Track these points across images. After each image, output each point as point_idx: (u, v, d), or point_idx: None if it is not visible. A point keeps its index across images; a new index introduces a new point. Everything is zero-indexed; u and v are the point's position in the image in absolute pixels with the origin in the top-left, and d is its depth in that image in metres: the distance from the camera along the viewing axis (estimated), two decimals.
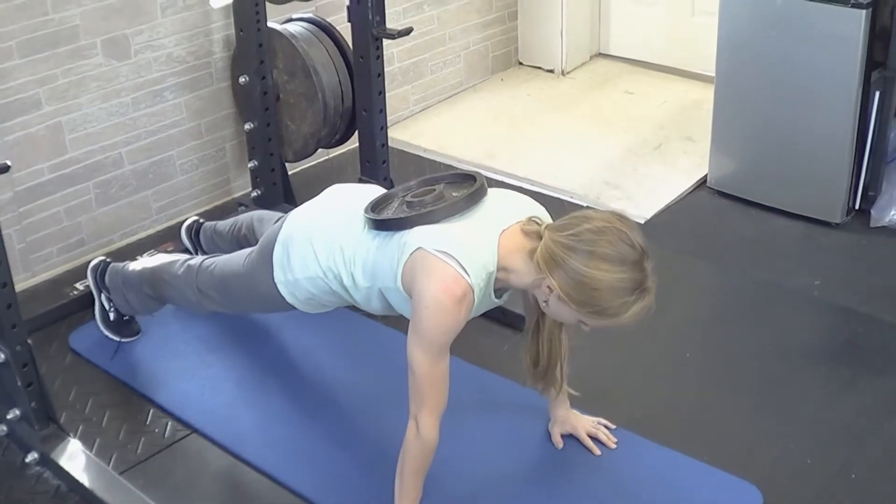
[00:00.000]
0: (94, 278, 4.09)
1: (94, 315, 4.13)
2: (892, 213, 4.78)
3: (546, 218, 3.19)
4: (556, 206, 4.98)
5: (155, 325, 4.16)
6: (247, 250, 3.62)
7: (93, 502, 3.37)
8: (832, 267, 4.61)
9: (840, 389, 3.85)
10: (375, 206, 3.25)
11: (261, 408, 3.77)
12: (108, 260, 4.13)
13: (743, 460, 3.49)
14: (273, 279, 3.40)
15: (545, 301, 3.00)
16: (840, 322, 4.25)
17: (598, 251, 2.84)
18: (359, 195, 3.40)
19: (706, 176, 5.24)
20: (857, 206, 4.88)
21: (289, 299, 3.43)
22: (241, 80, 4.69)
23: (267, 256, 3.42)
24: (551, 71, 6.73)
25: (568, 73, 6.71)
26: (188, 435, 3.67)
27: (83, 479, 3.42)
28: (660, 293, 4.12)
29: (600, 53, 6.96)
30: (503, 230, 3.05)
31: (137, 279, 3.94)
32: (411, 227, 3.06)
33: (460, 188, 3.21)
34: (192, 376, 3.93)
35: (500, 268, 3.02)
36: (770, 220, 4.95)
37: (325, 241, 3.28)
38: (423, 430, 3.02)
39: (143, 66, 4.67)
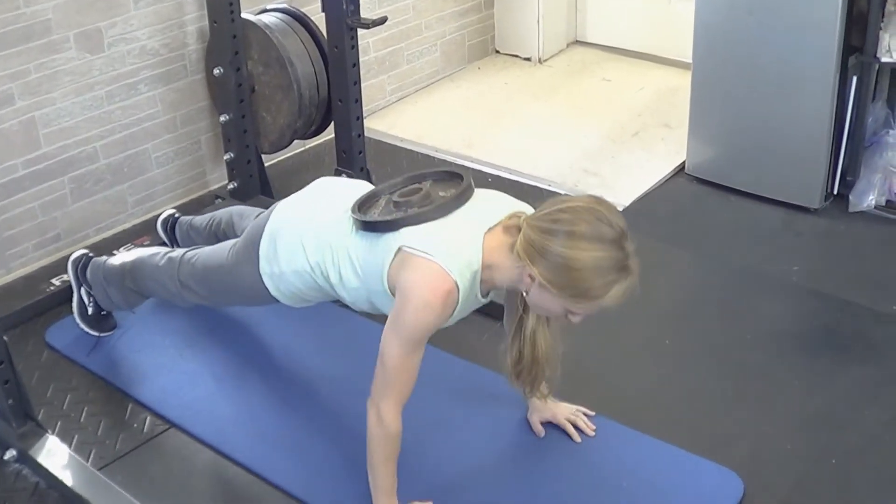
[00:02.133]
0: (75, 272, 4.06)
1: (71, 309, 4.10)
2: (871, 198, 4.78)
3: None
4: (534, 193, 5.00)
5: (132, 320, 4.13)
6: (230, 242, 3.61)
7: (72, 499, 3.36)
8: (811, 253, 4.62)
9: (819, 375, 3.85)
10: (362, 205, 3.24)
11: (240, 401, 3.76)
12: (90, 254, 4.09)
13: (723, 447, 3.49)
14: (259, 271, 3.39)
15: (526, 292, 2.99)
16: (819, 308, 4.25)
17: (576, 230, 2.82)
18: (347, 191, 3.40)
19: (684, 162, 5.23)
20: (835, 192, 4.88)
21: (273, 292, 3.41)
22: (216, 71, 4.67)
23: (253, 248, 3.41)
24: (528, 59, 6.72)
25: (545, 60, 6.71)
26: (167, 430, 3.66)
27: (62, 475, 3.41)
28: (638, 280, 4.13)
29: (577, 41, 6.96)
30: (488, 229, 3.04)
31: (119, 273, 3.92)
32: (398, 228, 3.06)
33: (447, 187, 3.21)
34: (170, 370, 3.91)
35: (485, 266, 3.02)
36: (748, 206, 4.95)
37: (314, 237, 3.27)
38: (385, 418, 3.03)
39: (117, 60, 4.65)
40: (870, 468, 3.40)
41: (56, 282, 4.38)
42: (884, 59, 4.59)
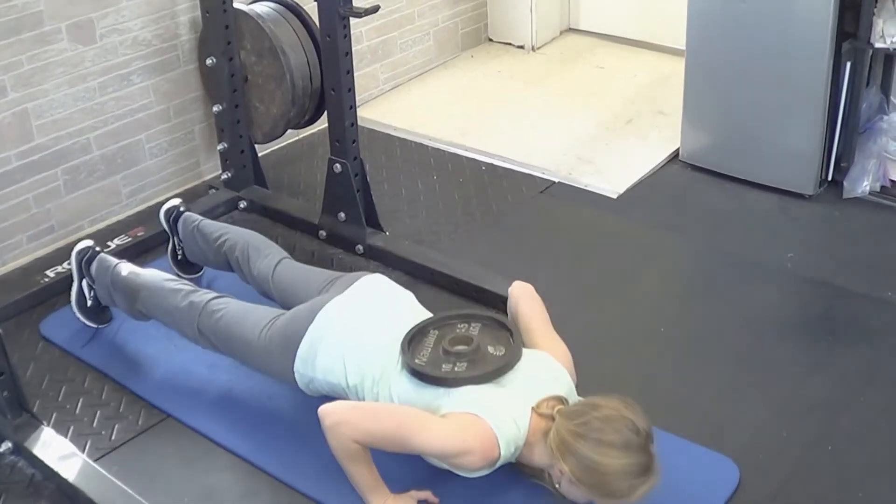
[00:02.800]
0: (79, 264, 4.03)
1: (69, 299, 4.08)
2: (865, 183, 4.78)
3: (568, 389, 3.30)
4: (528, 181, 5.01)
5: (124, 313, 4.11)
6: (262, 316, 3.58)
7: (68, 490, 3.35)
8: (805, 239, 4.61)
9: (815, 361, 3.85)
10: (412, 341, 3.33)
11: (235, 391, 3.75)
12: (97, 248, 4.07)
13: (719, 434, 3.49)
14: (292, 367, 3.44)
15: (558, 483, 3.09)
16: (814, 294, 4.26)
17: (605, 439, 2.95)
18: (396, 306, 3.51)
19: (678, 149, 5.23)
20: (829, 178, 4.88)
21: (300, 386, 3.49)
22: (209, 62, 4.66)
23: (291, 345, 3.44)
24: (521, 47, 6.71)
25: (538, 48, 6.70)
26: (162, 420, 3.65)
27: (58, 467, 3.39)
28: (633, 267, 4.13)
29: (570, 28, 6.95)
30: (534, 406, 3.15)
31: (131, 290, 3.87)
32: (447, 386, 3.17)
33: (496, 340, 3.34)
34: (165, 361, 3.90)
35: (527, 444, 3.14)
36: (743, 192, 4.95)
37: (357, 359, 3.34)
38: (341, 436, 3.08)
39: (110, 50, 4.64)
40: (866, 454, 3.40)
41: (50, 273, 4.36)
42: (877, 45, 4.59)
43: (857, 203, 4.80)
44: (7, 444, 3.50)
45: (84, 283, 4.04)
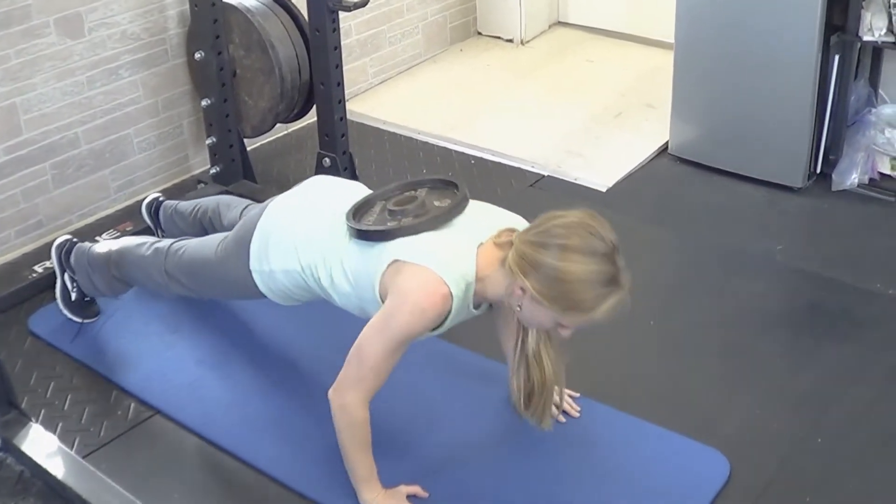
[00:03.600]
0: (59, 257, 4.04)
1: (55, 295, 4.08)
2: (854, 176, 4.78)
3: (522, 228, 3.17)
4: (517, 175, 5.01)
5: (115, 306, 4.12)
6: (219, 235, 3.60)
7: (56, 487, 3.34)
8: (794, 232, 4.62)
9: (804, 354, 3.85)
10: (357, 211, 3.25)
11: (224, 386, 3.75)
12: (74, 239, 4.07)
13: (709, 427, 3.49)
14: (248, 267, 3.40)
15: (519, 306, 2.98)
16: (803, 287, 4.26)
17: (568, 244, 2.84)
18: (341, 193, 3.41)
19: (667, 143, 5.23)
20: (818, 171, 4.88)
21: (261, 288, 3.43)
22: (197, 55, 4.65)
23: (243, 245, 3.41)
24: (510, 41, 6.71)
25: (527, 42, 6.69)
26: (152, 416, 3.64)
27: (46, 464, 3.39)
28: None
29: (559, 22, 6.95)
30: (481, 243, 3.06)
31: (104, 260, 3.90)
32: (392, 239, 3.08)
33: (442, 197, 3.24)
34: (154, 357, 3.90)
35: (478, 279, 3.03)
36: (732, 186, 4.95)
37: (306, 240, 3.29)
38: (349, 408, 3.04)
39: (98, 44, 4.62)
40: (856, 447, 3.40)
41: (39, 269, 4.36)
42: (866, 38, 4.59)
43: (845, 196, 4.80)
44: None
45: (66, 276, 4.03)
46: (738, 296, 4.19)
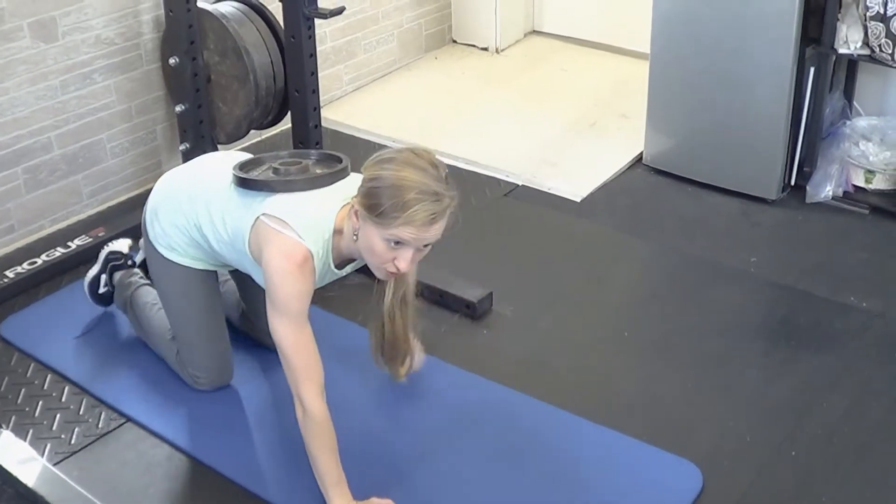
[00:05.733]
0: (107, 262, 4.05)
1: (84, 278, 4.07)
2: (828, 188, 4.80)
3: None
4: (492, 184, 5.02)
5: (89, 315, 4.10)
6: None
7: (27, 495, 3.31)
8: (768, 244, 4.63)
9: (778, 366, 3.85)
10: (244, 165, 3.42)
11: (195, 396, 3.71)
12: (129, 262, 4.08)
13: (682, 439, 3.49)
14: (151, 244, 3.59)
15: (356, 236, 3.11)
16: (777, 299, 4.26)
17: (384, 157, 3.06)
18: (233, 160, 3.51)
19: (642, 153, 5.23)
20: (792, 183, 4.89)
21: (166, 254, 3.55)
22: (172, 61, 4.63)
23: (144, 233, 3.64)
24: (486, 49, 6.70)
25: (502, 50, 6.69)
26: (123, 424, 3.62)
27: (16, 471, 3.36)
28: (597, 271, 4.13)
29: (534, 31, 6.94)
30: (345, 205, 3.21)
31: (140, 307, 3.90)
32: (269, 192, 3.24)
33: (326, 166, 3.39)
34: (126, 365, 3.87)
35: (335, 233, 3.19)
36: (706, 197, 4.96)
37: (191, 191, 3.49)
38: (308, 406, 3.09)
39: (72, 49, 4.60)
40: (829, 459, 3.41)
41: (10, 273, 4.32)
42: (841, 51, 4.60)
43: (819, 208, 4.81)
44: None
45: (104, 277, 4.04)
46: (713, 307, 4.19)
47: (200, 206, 3.40)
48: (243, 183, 3.29)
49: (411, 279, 3.37)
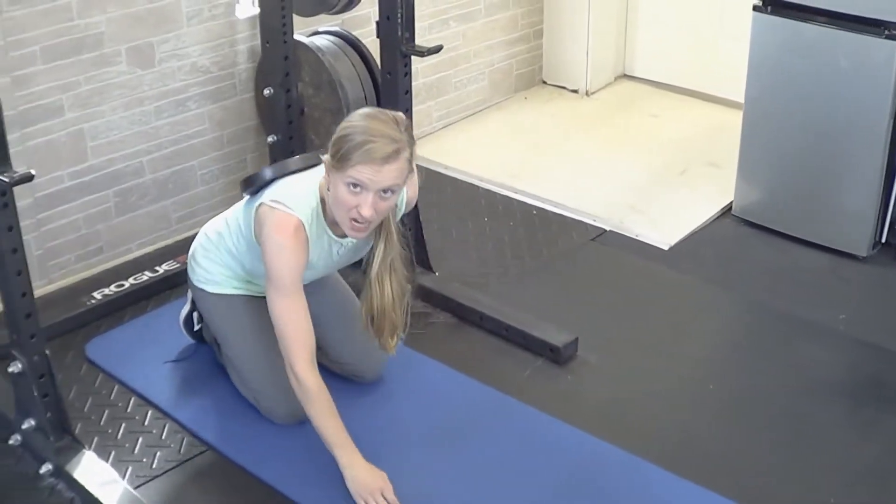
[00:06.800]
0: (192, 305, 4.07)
1: (180, 315, 4.08)
2: None
3: None
4: (579, 228, 4.99)
5: (174, 340, 4.10)
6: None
7: None
8: (858, 301, 4.56)
9: (864, 428, 3.80)
10: (247, 179, 3.64)
11: (277, 427, 3.70)
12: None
13: (765, 497, 3.45)
14: (196, 287, 3.80)
15: (329, 191, 3.31)
16: (865, 358, 4.20)
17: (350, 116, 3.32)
18: None
19: (731, 203, 5.18)
20: (883, 240, 4.82)
21: (210, 289, 3.75)
22: (266, 92, 4.66)
23: (189, 283, 3.87)
24: (575, 91, 6.69)
25: (592, 93, 6.67)
26: (204, 451, 3.63)
27: (97, 492, 3.38)
28: (682, 321, 4.09)
29: (625, 75, 6.92)
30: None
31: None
32: (266, 181, 3.49)
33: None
34: (209, 392, 3.88)
35: (322, 201, 3.39)
36: (795, 250, 4.90)
37: (215, 226, 3.78)
38: (299, 376, 3.32)
39: (167, 75, 4.64)
40: None
41: (97, 295, 4.37)
42: None
43: None
44: (48, 466, 3.49)
45: (195, 314, 4.04)
46: (799, 363, 4.14)
47: (223, 228, 3.71)
48: (245, 184, 3.59)
49: (397, 248, 3.50)
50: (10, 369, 3.44)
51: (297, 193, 3.38)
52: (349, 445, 3.35)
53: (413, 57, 4.25)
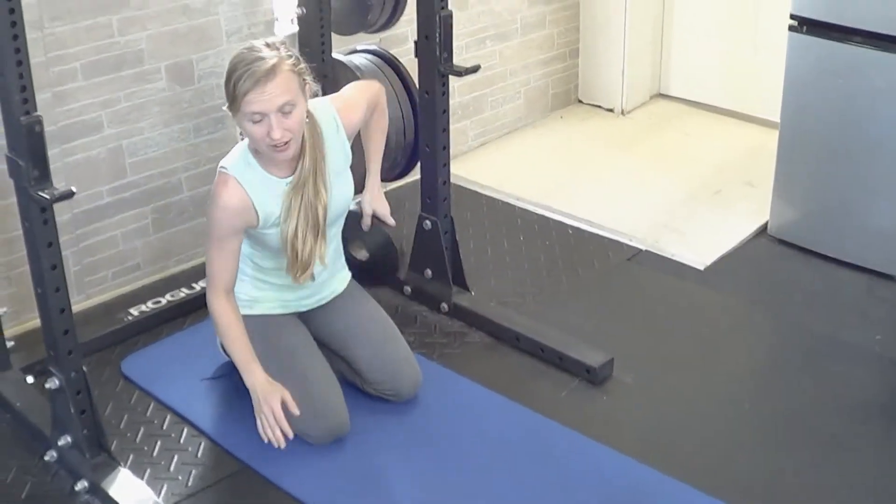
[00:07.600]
0: None
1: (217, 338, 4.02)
2: None
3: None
4: (614, 248, 4.98)
5: (210, 357, 4.09)
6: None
7: None
8: (894, 321, 4.53)
9: None
10: None
11: (313, 447, 3.70)
12: None
13: None
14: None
15: (242, 137, 3.64)
16: None
17: None
18: None
19: (767, 223, 5.17)
20: None
21: (241, 311, 3.76)
22: None
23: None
24: (611, 110, 6.69)
25: (628, 112, 6.67)
26: (240, 470, 3.64)
27: None
28: (718, 341, 4.07)
29: (661, 94, 6.92)
30: None
31: None
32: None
33: None
34: (246, 411, 3.83)
35: (252, 151, 3.60)
36: (831, 271, 4.88)
37: None
38: (210, 305, 3.65)
39: (206, 93, 4.66)
40: None
41: (134, 311, 4.39)
42: None
43: None
44: (83, 483, 3.51)
45: None
46: (835, 384, 4.12)
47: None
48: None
49: (322, 169, 3.70)
50: (47, 385, 3.47)
51: (231, 155, 3.62)
52: (254, 364, 3.58)
53: (450, 76, 4.27)
